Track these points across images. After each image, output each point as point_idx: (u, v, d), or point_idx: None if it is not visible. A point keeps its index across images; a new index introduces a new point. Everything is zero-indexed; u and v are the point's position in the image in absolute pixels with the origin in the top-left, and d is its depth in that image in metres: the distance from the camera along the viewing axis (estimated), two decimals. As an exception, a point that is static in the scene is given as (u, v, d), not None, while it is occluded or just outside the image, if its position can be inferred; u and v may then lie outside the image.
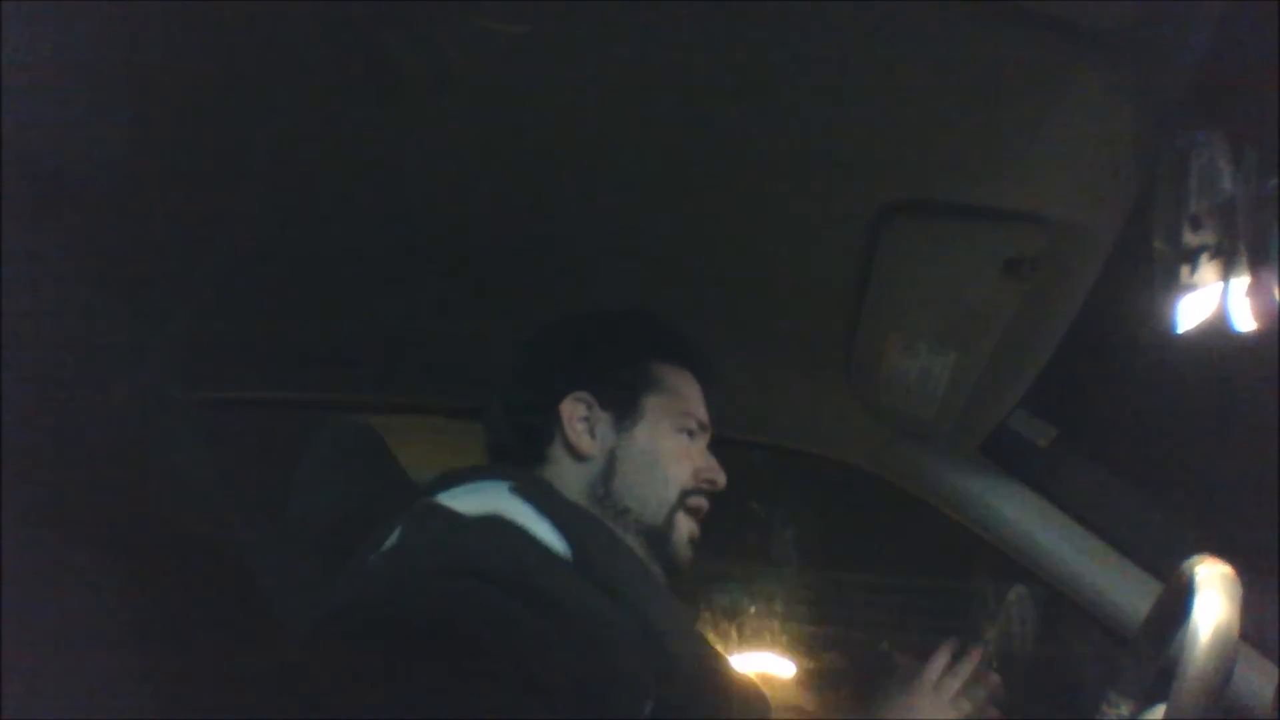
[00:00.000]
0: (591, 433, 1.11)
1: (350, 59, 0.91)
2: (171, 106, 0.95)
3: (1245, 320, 0.86)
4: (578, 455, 1.11)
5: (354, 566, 0.99)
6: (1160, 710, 0.92)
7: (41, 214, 0.62)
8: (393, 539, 0.98)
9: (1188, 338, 0.90)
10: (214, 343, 1.38)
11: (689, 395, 1.16)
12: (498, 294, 1.34)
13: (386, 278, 1.31)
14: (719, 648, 1.08)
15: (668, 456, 1.12)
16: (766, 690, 1.12)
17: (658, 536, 1.10)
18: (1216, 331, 0.88)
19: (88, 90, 0.60)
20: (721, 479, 1.14)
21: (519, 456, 1.13)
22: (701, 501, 1.13)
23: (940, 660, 1.19)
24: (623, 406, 1.12)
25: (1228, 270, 0.85)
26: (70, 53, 0.59)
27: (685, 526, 1.12)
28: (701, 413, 1.16)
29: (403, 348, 1.46)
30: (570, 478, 1.10)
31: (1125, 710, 1.05)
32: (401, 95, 0.95)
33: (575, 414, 1.12)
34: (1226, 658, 0.84)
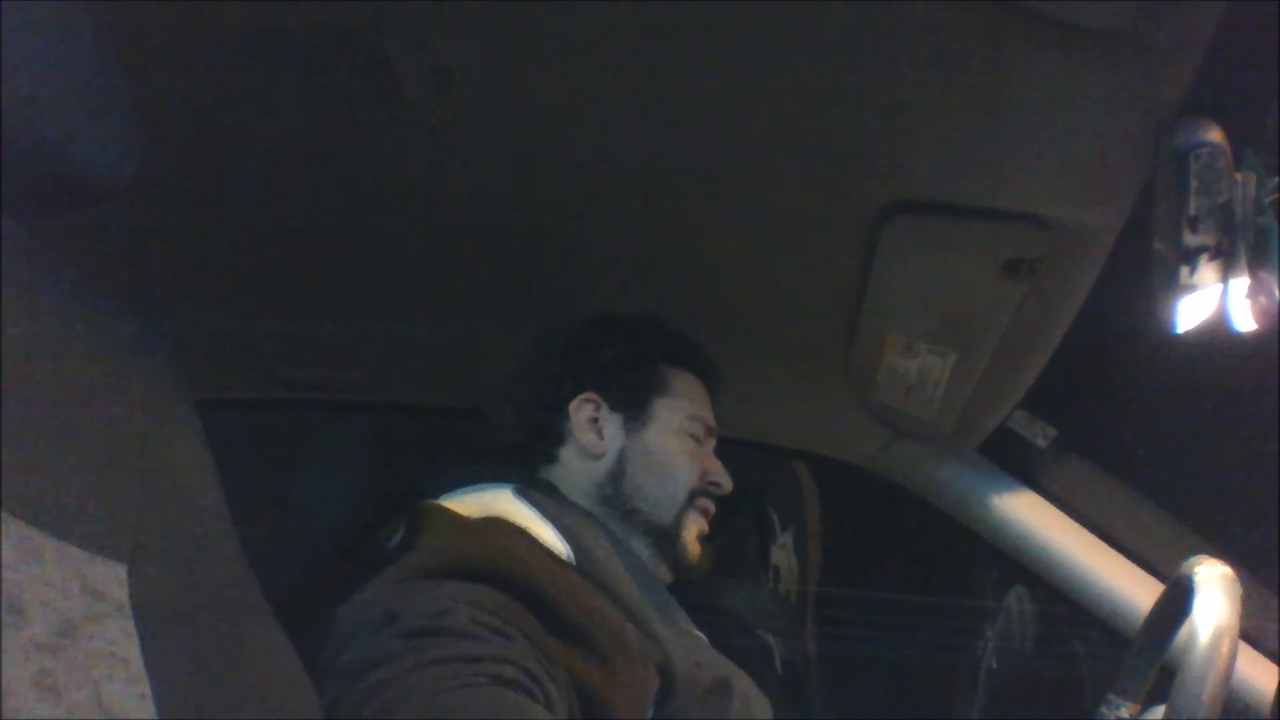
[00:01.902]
0: (600, 433, 1.12)
1: (351, 59, 0.91)
2: (173, 107, 0.95)
3: (1245, 320, 0.86)
4: (587, 455, 1.11)
5: (356, 567, 0.99)
6: (1160, 710, 0.92)
7: (42, 214, 0.62)
8: (394, 540, 0.98)
9: (1188, 338, 0.91)
10: (214, 343, 1.38)
11: (697, 399, 1.17)
12: (497, 295, 1.34)
13: (387, 278, 1.31)
14: (719, 650, 1.08)
15: (676, 458, 1.12)
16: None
17: (667, 536, 1.10)
18: (1216, 331, 0.88)
19: (88, 90, 0.60)
20: (728, 483, 1.15)
21: (527, 455, 1.13)
22: (709, 504, 1.14)
23: None
24: (632, 408, 1.13)
25: (1227, 271, 0.85)
26: (71, 53, 0.59)
27: (694, 527, 1.12)
28: (709, 417, 1.17)
29: (403, 348, 1.46)
30: (579, 477, 1.11)
31: (1125, 710, 1.05)
32: (402, 95, 0.95)
33: (585, 414, 1.12)
34: (1226, 658, 0.84)
